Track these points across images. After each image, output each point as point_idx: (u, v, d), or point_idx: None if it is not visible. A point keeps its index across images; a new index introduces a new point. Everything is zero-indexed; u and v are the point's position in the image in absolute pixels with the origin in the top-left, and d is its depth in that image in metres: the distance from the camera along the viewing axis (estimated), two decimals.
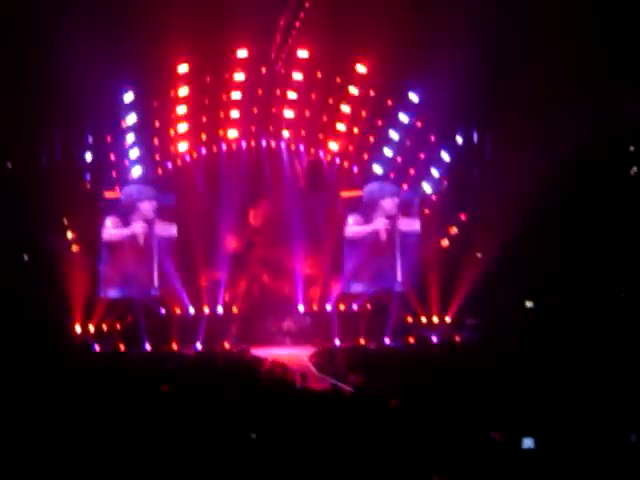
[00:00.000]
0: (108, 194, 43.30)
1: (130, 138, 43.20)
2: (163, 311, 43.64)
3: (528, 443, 14.01)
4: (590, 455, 13.42)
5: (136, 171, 43.99)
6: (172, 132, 44.57)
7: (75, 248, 41.38)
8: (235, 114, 44.93)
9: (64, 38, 32.34)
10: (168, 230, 43.59)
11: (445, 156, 44.25)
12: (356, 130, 45.52)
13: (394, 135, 44.89)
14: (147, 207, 43.28)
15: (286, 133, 46.26)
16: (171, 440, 14.19)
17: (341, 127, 45.54)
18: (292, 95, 44.60)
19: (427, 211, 45.57)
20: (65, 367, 27.62)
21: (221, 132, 45.53)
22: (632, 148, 37.31)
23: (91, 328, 40.72)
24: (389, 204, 44.92)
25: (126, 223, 43.24)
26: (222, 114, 44.95)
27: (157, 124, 44.02)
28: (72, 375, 25.15)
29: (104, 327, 41.43)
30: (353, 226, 45.16)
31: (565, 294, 36.40)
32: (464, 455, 13.52)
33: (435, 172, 45.02)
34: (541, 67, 33.35)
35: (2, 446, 13.76)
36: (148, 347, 40.82)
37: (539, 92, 33.99)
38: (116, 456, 13.26)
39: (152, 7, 34.84)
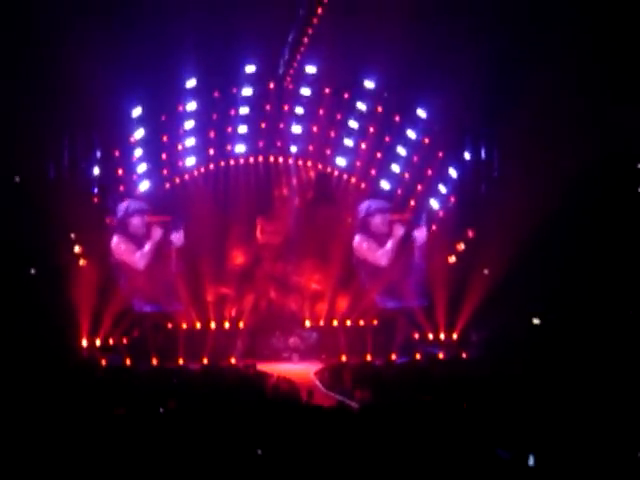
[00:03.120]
0: (110, 220, 43.30)
1: (138, 152, 43.26)
2: (170, 325, 43.56)
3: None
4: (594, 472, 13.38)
5: (143, 185, 44.01)
6: (180, 147, 44.59)
7: (82, 262, 41.36)
8: (243, 129, 44.95)
9: (72, 52, 32.44)
10: (176, 239, 43.49)
11: (453, 172, 44.24)
12: (364, 146, 45.47)
13: (402, 151, 44.87)
14: (138, 222, 43.11)
15: (294, 148, 46.24)
16: (177, 456, 14.14)
17: (349, 143, 45.52)
18: (300, 110, 44.65)
19: (434, 227, 45.48)
20: (70, 381, 27.58)
21: (229, 147, 45.51)
22: None
23: (97, 342, 40.68)
24: (378, 220, 44.81)
25: (136, 243, 43.17)
26: (230, 129, 44.94)
27: (165, 139, 44.04)
28: (77, 389, 25.11)
29: (110, 341, 41.39)
30: (363, 251, 45.09)
31: (572, 311, 36.31)
32: (470, 472, 13.46)
33: (443, 188, 44.98)
34: (549, 84, 33.34)
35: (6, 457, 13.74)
36: (154, 362, 40.72)
37: (548, 109, 34.01)
38: (120, 472, 13.21)
39: (160, 22, 34.98)
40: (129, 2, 35.20)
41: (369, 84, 42.99)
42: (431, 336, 43.40)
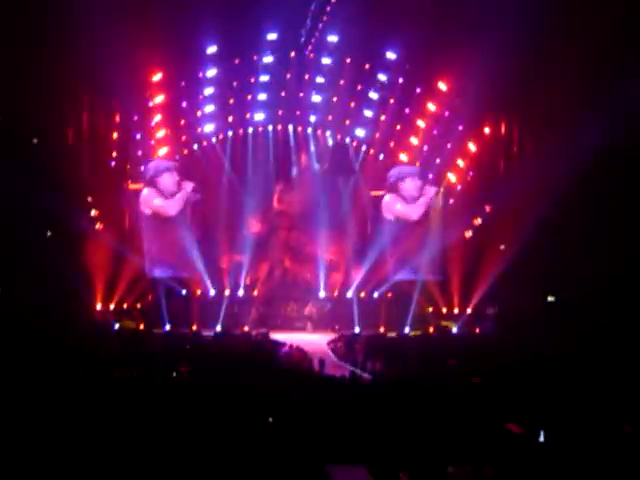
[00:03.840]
0: (132, 186, 43.35)
1: (157, 118, 43.20)
2: (184, 292, 43.67)
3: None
4: (601, 449, 13.35)
5: (162, 151, 43.98)
6: (199, 113, 44.51)
7: (98, 226, 41.41)
8: (262, 97, 44.82)
9: (92, 18, 32.33)
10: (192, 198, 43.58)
11: (472, 146, 44.06)
12: (383, 117, 45.30)
13: (421, 123, 44.68)
14: (169, 180, 43.16)
15: (313, 118, 46.12)
16: (188, 421, 14.18)
17: (368, 113, 45.35)
18: (320, 80, 44.42)
19: (452, 201, 45.39)
20: (84, 345, 27.72)
21: (248, 115, 45.41)
22: None
23: (112, 306, 40.82)
24: (410, 185, 44.71)
25: (168, 194, 43.22)
26: (249, 97, 44.81)
27: (184, 105, 43.96)
28: (90, 354, 25.23)
29: (124, 306, 41.53)
30: (393, 208, 44.97)
31: (587, 290, 36.17)
32: (480, 446, 13.46)
33: (461, 162, 44.83)
34: (573, 60, 33.04)
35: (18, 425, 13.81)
36: (168, 327, 40.85)
37: (570, 86, 33.71)
38: (133, 437, 13.25)
39: None
40: None
41: (390, 55, 42.71)
42: (445, 310, 43.41)
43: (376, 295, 44.80)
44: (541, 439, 14.15)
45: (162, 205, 42.90)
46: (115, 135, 42.53)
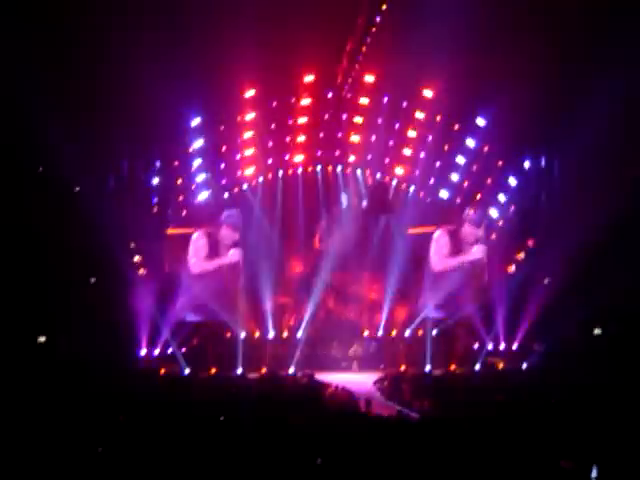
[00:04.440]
0: (170, 231, 43.61)
1: (197, 162, 43.51)
2: (228, 335, 43.66)
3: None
4: None
5: (202, 195, 44.23)
6: (238, 157, 44.76)
7: (141, 271, 41.65)
8: (301, 139, 45.00)
9: (133, 65, 32.70)
10: (236, 255, 43.67)
11: (512, 181, 43.95)
12: (422, 155, 45.29)
13: (460, 160, 44.64)
14: (226, 233, 43.44)
15: (352, 157, 46.21)
16: (236, 463, 14.11)
17: (407, 152, 45.38)
18: (358, 120, 44.58)
19: (494, 236, 45.18)
20: (130, 391, 27.74)
21: (287, 156, 45.59)
22: None
23: (156, 352, 40.87)
24: (467, 230, 44.53)
25: (213, 253, 43.44)
26: (288, 139, 45.02)
27: (224, 149, 44.25)
28: (136, 398, 25.24)
29: (169, 351, 41.56)
30: (443, 258, 44.85)
31: (633, 323, 35.85)
32: None
33: (502, 197, 44.68)
34: (613, 96, 32.93)
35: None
36: (213, 371, 40.81)
37: (611, 120, 33.60)
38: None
39: (219, 32, 35.10)
40: (187, 12, 35.35)
41: (428, 93, 42.79)
42: (491, 346, 43.07)
43: (420, 333, 44.54)
44: (594, 475, 13.94)
45: (194, 257, 43.16)
46: (156, 180, 42.92)
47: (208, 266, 43.23)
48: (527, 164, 43.57)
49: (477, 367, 41.69)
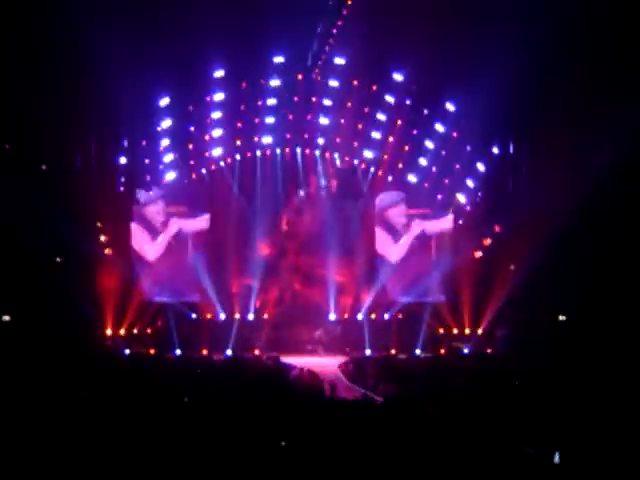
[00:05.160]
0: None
1: (165, 142, 43.31)
2: (194, 316, 43.59)
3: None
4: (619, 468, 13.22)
5: (170, 175, 44.05)
6: (207, 137, 44.56)
7: (108, 251, 41.49)
8: (270, 120, 44.83)
9: (101, 42, 32.48)
10: (198, 224, 43.67)
11: (480, 167, 44.02)
12: (391, 139, 45.26)
13: (429, 144, 44.67)
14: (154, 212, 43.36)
15: (321, 140, 46.11)
16: (199, 446, 14.07)
17: (376, 135, 45.33)
18: (328, 102, 44.47)
19: (461, 222, 45.28)
20: (95, 369, 27.63)
21: (256, 138, 45.41)
22: None
23: (122, 332, 40.78)
24: (394, 213, 44.80)
25: (152, 233, 43.33)
26: (257, 120, 44.83)
27: (192, 129, 44.04)
28: (101, 377, 25.14)
29: (135, 331, 41.49)
30: (384, 246, 45.07)
31: (599, 309, 36.04)
32: (496, 468, 13.32)
33: (470, 183, 44.78)
34: (582, 80, 33.06)
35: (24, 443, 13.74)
36: (178, 352, 40.77)
37: (577, 105, 33.71)
38: (142, 462, 13.15)
39: (188, 13, 34.90)
40: None
41: (398, 77, 42.77)
42: (456, 331, 43.25)
43: (386, 317, 44.65)
44: (556, 460, 14.00)
45: (143, 247, 43.12)
46: (123, 160, 42.70)
47: (157, 247, 43.13)
48: (495, 150, 43.63)
49: (442, 351, 41.86)
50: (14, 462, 12.94)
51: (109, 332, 40.30)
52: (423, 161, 45.31)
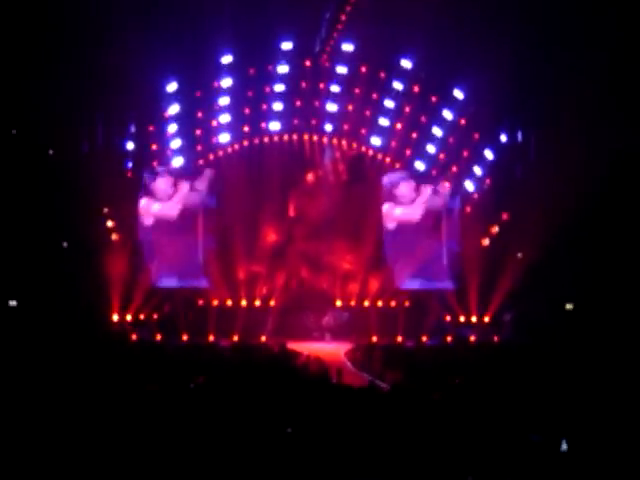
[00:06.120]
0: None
1: (172, 128, 43.25)
2: (201, 302, 43.57)
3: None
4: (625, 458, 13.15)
5: (177, 161, 44.01)
6: (214, 123, 44.47)
7: (115, 237, 41.47)
8: (278, 106, 44.74)
9: (109, 27, 32.45)
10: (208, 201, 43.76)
11: (489, 154, 43.88)
12: (399, 126, 45.14)
13: (437, 132, 44.55)
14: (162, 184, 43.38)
15: (329, 127, 45.99)
16: (205, 431, 14.05)
17: (384, 122, 45.20)
18: (335, 89, 44.36)
19: (468, 209, 45.18)
20: (101, 355, 27.62)
21: (263, 124, 45.32)
22: None
23: (128, 317, 40.78)
24: (404, 189, 44.69)
25: (166, 197, 43.31)
26: (265, 106, 44.73)
27: (199, 115, 43.96)
28: (107, 363, 25.12)
29: (141, 316, 41.48)
30: (394, 215, 44.89)
31: (606, 297, 35.95)
32: (502, 456, 13.27)
33: (478, 170, 44.64)
34: (591, 69, 32.92)
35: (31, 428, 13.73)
36: (184, 337, 40.75)
37: (587, 94, 33.56)
38: (149, 449, 13.12)
39: None
40: None
41: (406, 63, 42.63)
42: (463, 319, 43.17)
43: (393, 304, 44.57)
44: (563, 448, 13.94)
45: (160, 208, 42.93)
46: (131, 145, 42.65)
47: (174, 205, 43.15)
48: (503, 138, 43.49)
49: (449, 339, 41.80)
50: (19, 447, 12.92)
51: (116, 318, 40.28)
52: (431, 148, 45.17)
